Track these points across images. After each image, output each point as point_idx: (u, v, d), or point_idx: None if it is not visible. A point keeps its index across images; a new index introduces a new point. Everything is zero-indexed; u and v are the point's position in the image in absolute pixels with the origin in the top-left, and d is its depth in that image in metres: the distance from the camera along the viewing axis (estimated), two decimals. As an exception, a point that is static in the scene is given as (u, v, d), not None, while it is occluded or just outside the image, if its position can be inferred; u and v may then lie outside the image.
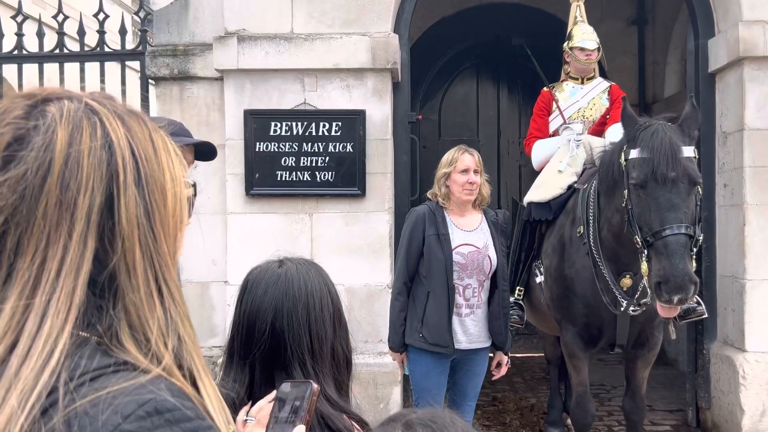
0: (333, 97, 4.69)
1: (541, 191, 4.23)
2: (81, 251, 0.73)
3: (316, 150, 4.66)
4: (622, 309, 3.58)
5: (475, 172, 3.32)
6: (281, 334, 1.38)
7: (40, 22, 5.13)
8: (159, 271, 0.77)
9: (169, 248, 0.78)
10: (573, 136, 4.38)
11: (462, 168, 3.30)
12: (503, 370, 3.46)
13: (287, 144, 4.66)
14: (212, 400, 0.77)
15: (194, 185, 0.90)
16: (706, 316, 3.95)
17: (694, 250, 3.08)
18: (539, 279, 4.16)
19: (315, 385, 1.16)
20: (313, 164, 4.66)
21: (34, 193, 0.72)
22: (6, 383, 0.68)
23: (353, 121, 4.64)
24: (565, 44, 4.68)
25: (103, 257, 0.74)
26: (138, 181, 0.77)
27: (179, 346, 0.76)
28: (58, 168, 0.73)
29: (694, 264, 3.08)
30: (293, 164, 4.66)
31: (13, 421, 0.66)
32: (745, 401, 4.50)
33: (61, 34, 5.11)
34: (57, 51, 5.13)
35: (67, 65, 5.13)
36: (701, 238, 3.19)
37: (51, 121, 0.74)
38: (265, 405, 1.24)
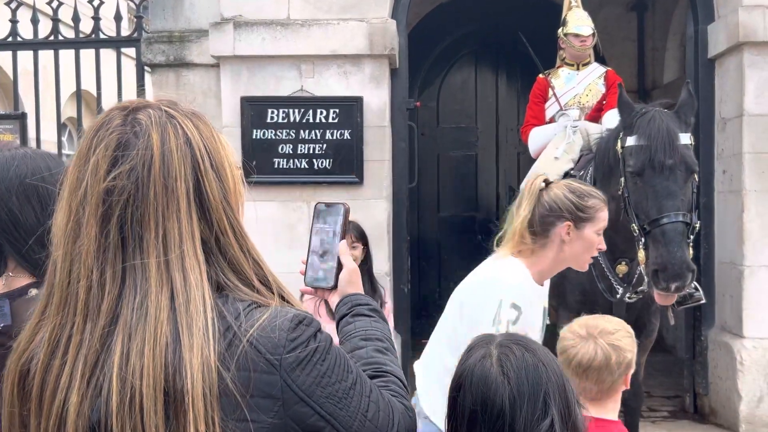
0: (330, 84, 4.66)
1: (537, 178, 4.21)
2: (190, 223, 0.97)
3: (314, 137, 4.64)
4: (618, 296, 3.58)
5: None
6: None
7: (34, 9, 5.09)
8: (239, 231, 1.02)
9: (238, 216, 1.04)
10: (569, 122, 4.35)
11: None
12: None
13: (284, 131, 4.63)
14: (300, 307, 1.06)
15: (241, 168, 1.12)
16: (704, 301, 3.94)
17: (691, 237, 3.07)
18: (536, 266, 4.15)
19: (347, 205, 1.39)
20: (311, 152, 4.64)
21: (144, 181, 0.96)
22: (184, 322, 0.92)
23: (351, 108, 4.61)
24: (560, 30, 4.64)
25: (204, 227, 0.99)
26: (212, 166, 1.01)
27: (269, 281, 1.04)
28: (158, 162, 0.97)
29: (691, 251, 3.08)
30: (290, 152, 4.64)
31: (205, 349, 0.91)
32: (743, 387, 4.51)
33: (55, 20, 5.08)
34: (52, 38, 5.10)
35: (62, 52, 5.10)
36: (698, 225, 3.18)
37: (146, 127, 0.98)
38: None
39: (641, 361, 3.88)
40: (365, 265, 3.32)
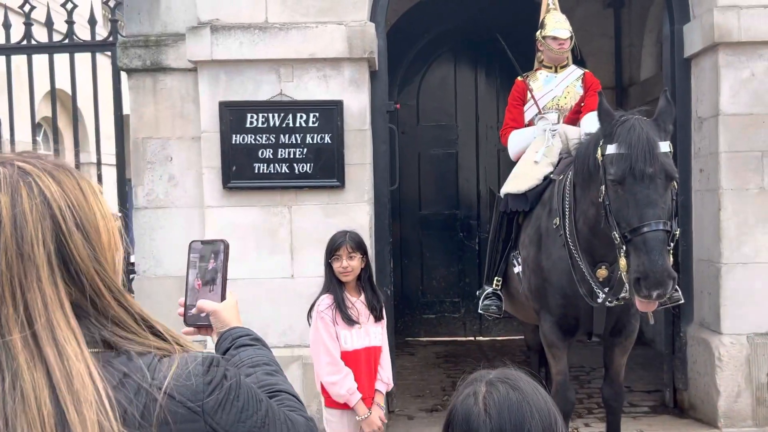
0: (310, 88, 4.63)
1: (517, 182, 4.23)
2: (56, 291, 0.89)
3: (294, 141, 4.61)
4: (599, 300, 3.61)
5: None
6: None
7: (6, 12, 5.00)
8: (115, 289, 0.96)
9: (112, 271, 0.98)
10: (548, 126, 4.37)
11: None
12: None
13: (264, 136, 4.60)
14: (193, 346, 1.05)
15: (121, 217, 1.06)
16: (682, 301, 4.00)
17: (671, 244, 3.11)
18: (517, 269, 4.18)
19: (227, 241, 1.38)
20: (291, 156, 4.62)
21: None
22: (68, 400, 0.85)
23: (331, 112, 4.59)
24: (538, 33, 4.65)
25: (75, 291, 0.91)
26: (78, 225, 0.93)
27: (159, 330, 1.00)
28: (9, 227, 0.88)
29: (671, 258, 3.12)
30: (270, 156, 4.61)
31: (105, 422, 0.85)
32: (721, 383, 4.59)
33: (28, 24, 4.98)
34: (25, 42, 5.01)
35: (36, 57, 5.01)
36: (677, 232, 3.22)
37: None
38: None
39: (622, 362, 3.94)
40: (366, 274, 3.27)
